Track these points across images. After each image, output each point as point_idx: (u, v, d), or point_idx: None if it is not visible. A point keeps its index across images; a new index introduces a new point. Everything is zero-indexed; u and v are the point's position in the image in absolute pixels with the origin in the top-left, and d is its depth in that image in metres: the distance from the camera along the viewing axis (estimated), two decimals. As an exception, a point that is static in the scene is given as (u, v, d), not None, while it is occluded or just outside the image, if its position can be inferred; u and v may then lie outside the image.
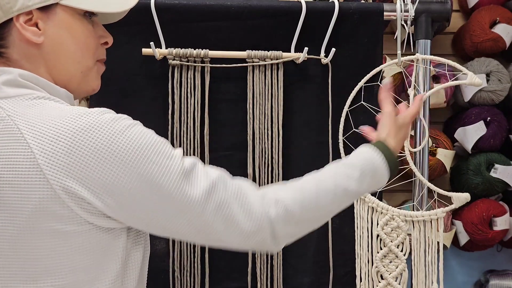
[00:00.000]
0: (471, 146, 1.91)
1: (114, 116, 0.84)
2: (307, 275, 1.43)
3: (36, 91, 0.86)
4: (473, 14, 1.94)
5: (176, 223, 0.84)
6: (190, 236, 0.87)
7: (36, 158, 0.78)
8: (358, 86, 1.42)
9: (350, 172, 0.95)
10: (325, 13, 1.39)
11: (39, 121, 0.81)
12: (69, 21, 0.91)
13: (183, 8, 1.37)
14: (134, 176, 0.81)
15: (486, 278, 2.08)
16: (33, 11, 0.87)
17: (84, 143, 0.79)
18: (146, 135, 0.84)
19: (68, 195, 0.78)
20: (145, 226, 0.86)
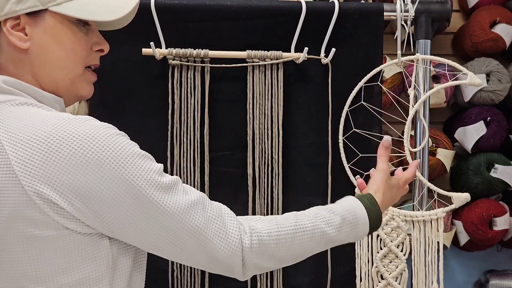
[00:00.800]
0: (471, 146, 1.91)
1: (96, 124, 0.82)
2: (307, 275, 1.43)
3: (20, 97, 0.85)
4: (473, 14, 1.94)
5: (151, 234, 0.84)
6: (163, 250, 0.87)
7: (11, 164, 0.78)
8: (358, 86, 1.42)
9: (331, 217, 0.97)
10: (325, 13, 1.39)
11: (18, 128, 0.80)
12: (57, 27, 0.90)
13: (183, 8, 1.37)
14: (112, 184, 0.80)
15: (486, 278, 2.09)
16: (21, 16, 0.86)
17: (60, 150, 0.78)
18: (127, 145, 0.82)
19: (42, 200, 0.78)
20: (121, 234, 0.84)
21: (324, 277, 1.43)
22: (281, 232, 0.93)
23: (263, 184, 1.40)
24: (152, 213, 0.83)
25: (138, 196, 0.82)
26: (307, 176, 1.43)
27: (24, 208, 0.78)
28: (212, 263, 0.89)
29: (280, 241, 0.92)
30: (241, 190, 1.41)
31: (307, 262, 1.44)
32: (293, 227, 0.94)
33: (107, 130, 0.82)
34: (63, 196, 0.78)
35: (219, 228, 0.88)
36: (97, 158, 0.79)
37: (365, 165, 1.43)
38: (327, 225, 0.97)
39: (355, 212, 0.99)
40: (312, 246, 0.97)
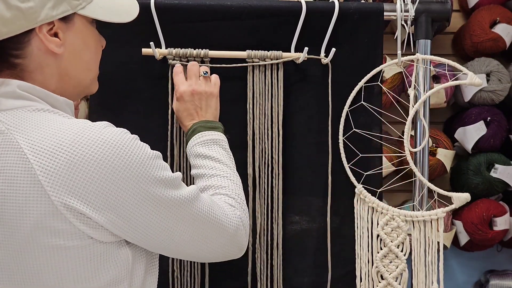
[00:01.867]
0: (471, 146, 1.91)
1: (115, 131, 0.84)
2: (307, 275, 1.43)
3: (36, 103, 0.86)
4: (473, 14, 1.94)
5: (174, 231, 0.88)
6: (185, 246, 0.91)
7: (36, 174, 0.78)
8: (358, 86, 1.42)
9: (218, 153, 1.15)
10: (325, 13, 1.39)
11: (38, 136, 0.80)
12: (84, 30, 0.92)
13: (183, 8, 1.37)
14: (137, 191, 0.82)
15: (486, 278, 2.09)
16: (55, 21, 0.87)
17: (86, 159, 0.78)
18: (144, 148, 0.86)
19: (69, 210, 0.78)
20: (144, 239, 0.86)
21: (324, 277, 1.43)
22: (232, 188, 1.08)
23: (263, 184, 1.40)
24: (173, 209, 0.87)
25: (160, 197, 0.85)
26: (307, 176, 1.43)
27: (50, 218, 0.78)
28: (225, 242, 0.97)
29: (241, 195, 1.09)
30: (241, 190, 1.41)
31: (307, 262, 1.44)
32: (228, 179, 1.09)
33: (126, 136, 0.84)
34: (91, 205, 0.79)
35: (219, 208, 0.97)
36: (122, 165, 0.80)
37: (365, 165, 1.43)
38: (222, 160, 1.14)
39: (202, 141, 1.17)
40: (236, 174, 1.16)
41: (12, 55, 0.86)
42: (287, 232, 1.42)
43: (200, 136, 1.17)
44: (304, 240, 1.43)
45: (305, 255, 1.43)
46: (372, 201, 1.41)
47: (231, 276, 1.41)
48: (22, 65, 0.87)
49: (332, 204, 1.43)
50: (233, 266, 1.40)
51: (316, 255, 1.43)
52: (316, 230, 1.43)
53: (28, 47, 0.86)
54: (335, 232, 1.43)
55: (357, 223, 1.43)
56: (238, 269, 1.41)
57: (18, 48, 0.85)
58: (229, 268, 1.40)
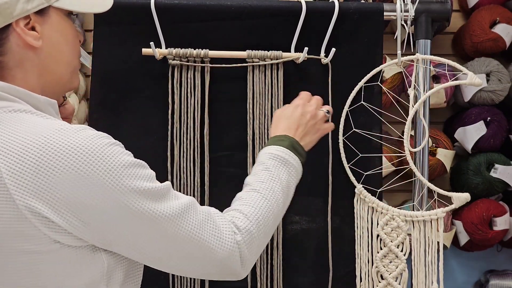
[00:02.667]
0: (471, 146, 1.91)
1: (89, 135, 0.81)
2: (307, 275, 1.43)
3: (14, 103, 0.84)
4: (473, 14, 1.94)
5: (148, 245, 0.84)
6: (161, 260, 0.87)
7: (3, 177, 0.76)
8: (358, 86, 1.42)
9: (272, 173, 1.03)
10: (325, 13, 1.39)
11: (10, 137, 0.79)
12: (60, 22, 0.92)
13: (183, 8, 1.37)
14: (105, 197, 0.79)
15: (486, 278, 2.09)
16: (31, 15, 0.87)
17: (52, 164, 0.77)
18: (119, 155, 0.81)
19: (33, 215, 0.76)
20: (117, 246, 0.84)
21: (324, 277, 1.43)
22: (261, 212, 0.96)
23: (263, 184, 1.40)
24: (147, 222, 0.82)
25: (132, 207, 0.81)
26: (307, 176, 1.42)
27: (17, 223, 0.77)
28: (210, 266, 0.89)
29: (263, 223, 0.95)
30: (241, 190, 1.40)
31: (307, 262, 1.44)
32: (263, 202, 0.97)
33: (100, 140, 0.80)
34: (55, 210, 0.77)
35: (212, 229, 0.88)
36: (90, 171, 0.78)
37: (365, 165, 1.43)
38: (275, 182, 1.03)
39: (276, 155, 1.06)
40: (280, 206, 1.02)
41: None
42: (287, 232, 1.42)
43: (279, 150, 1.08)
44: (304, 240, 1.43)
45: (305, 255, 1.43)
46: (372, 201, 1.41)
47: (231, 276, 1.41)
48: (2, 62, 0.86)
49: (332, 204, 1.43)
50: (233, 266, 1.40)
51: (316, 255, 1.43)
52: (316, 230, 1.43)
53: (7, 44, 0.85)
54: (335, 232, 1.43)
55: (357, 223, 1.43)
56: (238, 269, 1.41)
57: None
58: (229, 268, 1.40)
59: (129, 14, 1.36)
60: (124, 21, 1.36)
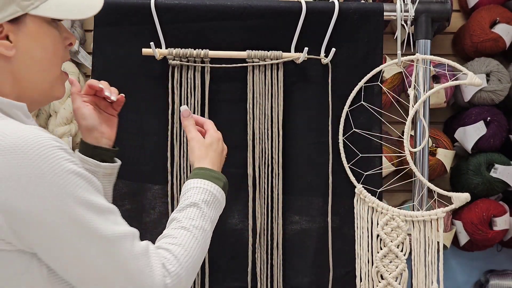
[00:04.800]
0: (471, 146, 1.91)
1: (35, 136, 0.78)
2: (307, 275, 1.43)
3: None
4: (473, 14, 1.94)
5: (74, 257, 0.80)
6: (83, 279, 0.82)
7: None
8: (358, 86, 1.42)
9: (202, 210, 0.99)
10: (325, 13, 1.39)
11: None
12: (37, 30, 0.88)
13: (183, 8, 1.37)
14: (40, 200, 0.76)
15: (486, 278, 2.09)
16: (3, 24, 0.84)
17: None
18: (62, 160, 0.78)
19: None
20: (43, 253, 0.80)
21: (324, 277, 1.43)
22: (191, 254, 0.93)
23: (263, 184, 1.40)
24: (81, 233, 0.79)
25: (68, 214, 0.78)
26: (307, 176, 1.43)
27: None
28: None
29: (194, 268, 0.93)
30: (241, 190, 1.41)
31: (307, 262, 1.44)
32: (197, 246, 0.94)
33: (46, 142, 0.78)
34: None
35: (145, 266, 0.84)
36: (21, 172, 0.75)
37: (365, 165, 1.43)
38: (206, 220, 0.99)
39: (210, 192, 1.03)
40: (206, 244, 0.98)
41: None
42: (287, 232, 1.42)
43: (214, 188, 1.05)
44: (304, 240, 1.43)
45: (305, 255, 1.43)
46: (372, 201, 1.41)
47: (231, 275, 1.41)
48: None
49: (332, 204, 1.43)
50: (233, 266, 1.40)
51: (316, 255, 1.43)
52: (316, 230, 1.43)
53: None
54: (335, 232, 1.43)
55: (357, 223, 1.43)
56: (239, 269, 1.41)
57: None
58: (229, 267, 1.40)
59: (129, 14, 1.36)
60: (124, 21, 1.36)
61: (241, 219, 1.41)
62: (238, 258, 1.41)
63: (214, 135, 1.14)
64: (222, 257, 1.41)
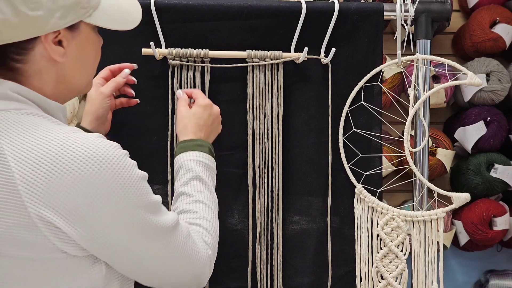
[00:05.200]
0: (471, 146, 1.91)
1: (104, 145, 0.81)
2: (307, 275, 1.43)
3: (27, 106, 0.84)
4: (473, 14, 1.94)
5: (143, 257, 0.86)
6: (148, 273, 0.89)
7: (16, 183, 0.76)
8: (358, 86, 1.42)
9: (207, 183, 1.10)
10: (325, 13, 1.39)
11: (24, 143, 0.78)
12: (87, 37, 0.91)
13: (183, 8, 1.37)
14: (116, 212, 0.80)
15: (486, 278, 2.09)
16: (61, 30, 0.85)
17: (66, 172, 0.76)
18: (132, 168, 0.83)
19: (44, 224, 0.76)
20: (113, 258, 0.85)
21: (324, 277, 1.43)
22: (215, 224, 1.04)
23: (263, 184, 1.40)
24: (148, 235, 0.85)
25: (138, 221, 0.83)
26: (307, 176, 1.43)
27: (22, 230, 0.76)
28: (187, 278, 0.93)
29: (217, 232, 1.04)
30: (241, 190, 1.41)
31: (307, 262, 1.44)
32: (211, 213, 1.05)
33: (115, 151, 0.81)
34: (67, 220, 0.77)
35: (193, 244, 0.94)
36: (105, 182, 0.78)
37: (365, 165, 1.43)
38: (210, 190, 1.10)
39: (203, 162, 1.12)
40: (217, 208, 1.10)
41: (13, 59, 0.84)
42: (287, 232, 1.42)
43: (202, 156, 1.13)
44: (304, 240, 1.43)
45: (305, 255, 1.43)
46: (372, 201, 1.41)
47: (232, 276, 1.41)
48: (22, 69, 0.85)
49: (332, 204, 1.43)
50: (233, 266, 1.40)
51: (316, 255, 1.43)
52: (316, 230, 1.43)
53: (30, 53, 0.84)
54: (335, 232, 1.43)
55: (357, 223, 1.43)
56: (238, 269, 1.41)
57: (21, 53, 0.83)
58: (229, 268, 1.40)
59: (129, 14, 1.36)
60: (124, 21, 1.36)
61: (241, 219, 1.41)
62: (238, 258, 1.41)
63: (200, 103, 1.22)
64: (222, 257, 1.40)
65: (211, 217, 1.03)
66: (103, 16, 0.90)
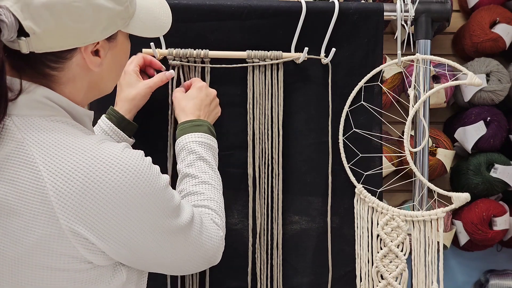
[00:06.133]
0: (471, 146, 1.92)
1: (133, 155, 0.82)
2: (306, 275, 1.43)
3: (56, 111, 0.83)
4: (473, 14, 1.94)
5: (166, 255, 0.89)
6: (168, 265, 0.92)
7: (49, 195, 0.76)
8: (358, 86, 1.42)
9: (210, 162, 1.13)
10: (325, 13, 1.39)
11: (55, 153, 0.78)
12: (122, 45, 0.92)
13: (183, 8, 1.37)
14: (148, 222, 0.82)
15: (486, 278, 2.09)
16: (101, 41, 0.85)
17: (100, 185, 0.77)
18: (159, 176, 0.85)
19: (75, 236, 0.77)
20: (140, 264, 0.88)
21: (324, 277, 1.43)
22: (222, 204, 1.08)
23: (263, 184, 1.40)
24: (172, 238, 0.88)
25: (166, 228, 0.85)
26: (307, 176, 1.43)
27: (54, 240, 0.77)
28: (202, 262, 0.97)
29: (223, 211, 1.08)
30: (241, 190, 1.41)
31: (308, 263, 1.44)
32: (217, 193, 1.08)
33: (143, 162, 0.82)
34: (98, 233, 0.78)
35: (206, 230, 0.96)
36: (136, 194, 0.79)
37: (365, 165, 1.43)
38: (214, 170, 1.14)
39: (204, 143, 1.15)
40: (221, 187, 1.14)
41: (50, 67, 0.82)
42: (286, 232, 1.42)
43: (202, 137, 1.16)
44: (303, 240, 1.43)
45: (305, 255, 1.43)
46: (372, 201, 1.41)
47: (231, 276, 1.41)
48: (56, 77, 0.84)
49: (332, 204, 1.43)
50: (233, 266, 1.40)
51: (316, 255, 1.43)
52: (316, 230, 1.43)
53: (68, 62, 0.83)
54: (335, 232, 1.43)
55: (357, 223, 1.43)
56: (238, 269, 1.41)
57: (58, 62, 0.82)
58: (229, 268, 1.40)
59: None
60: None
61: (241, 219, 1.41)
62: (238, 258, 1.41)
63: (196, 85, 1.26)
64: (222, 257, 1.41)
65: (218, 197, 1.07)
66: (138, 24, 0.92)
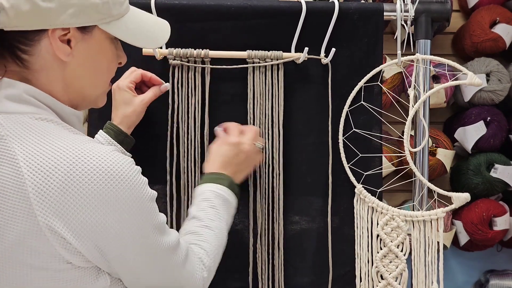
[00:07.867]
0: (471, 146, 1.92)
1: (119, 160, 0.80)
2: (307, 275, 1.43)
3: (42, 110, 0.83)
4: (473, 14, 1.94)
5: (147, 272, 0.88)
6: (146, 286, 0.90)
7: (28, 191, 0.75)
8: (358, 86, 1.42)
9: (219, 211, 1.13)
10: (325, 13, 1.39)
11: (37, 150, 0.77)
12: (99, 44, 0.88)
13: (183, 8, 1.37)
14: (126, 230, 0.81)
15: (486, 278, 2.09)
16: (71, 29, 0.83)
17: (79, 184, 0.76)
18: (144, 186, 0.83)
19: (52, 234, 0.76)
20: (118, 269, 0.86)
21: (324, 277, 1.43)
22: (217, 251, 1.07)
23: (263, 184, 1.40)
24: (153, 254, 0.87)
25: (147, 240, 0.84)
26: (307, 176, 1.43)
27: (32, 238, 0.76)
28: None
29: (217, 260, 1.08)
30: (241, 190, 1.41)
31: (308, 263, 1.44)
32: (216, 240, 1.07)
33: (129, 167, 0.80)
34: (76, 233, 0.77)
35: (190, 264, 0.96)
36: (116, 198, 0.78)
37: (365, 165, 1.43)
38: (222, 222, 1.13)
39: (220, 194, 1.15)
40: (224, 239, 1.13)
41: (19, 49, 0.81)
42: (287, 232, 1.42)
43: (221, 189, 1.16)
44: (304, 240, 1.43)
45: (305, 255, 1.43)
46: (372, 201, 1.41)
47: (233, 276, 1.41)
48: (28, 61, 0.83)
49: (332, 204, 1.43)
50: (234, 266, 1.40)
51: (316, 255, 1.43)
52: (316, 230, 1.43)
53: (36, 46, 0.82)
54: (335, 232, 1.43)
55: (357, 223, 1.43)
56: (240, 269, 1.41)
57: (26, 44, 0.81)
58: (230, 268, 1.40)
59: (129, 14, 1.36)
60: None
61: (242, 219, 1.41)
62: (239, 258, 1.41)
63: (231, 140, 1.26)
64: (223, 257, 1.40)
65: (215, 243, 1.06)
66: (123, 28, 0.88)
